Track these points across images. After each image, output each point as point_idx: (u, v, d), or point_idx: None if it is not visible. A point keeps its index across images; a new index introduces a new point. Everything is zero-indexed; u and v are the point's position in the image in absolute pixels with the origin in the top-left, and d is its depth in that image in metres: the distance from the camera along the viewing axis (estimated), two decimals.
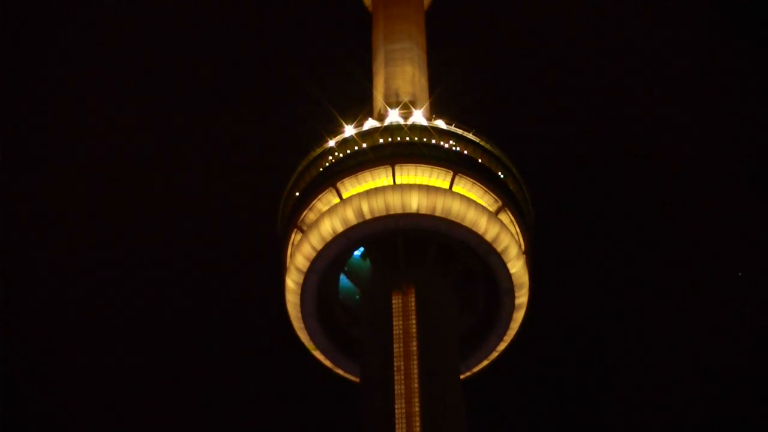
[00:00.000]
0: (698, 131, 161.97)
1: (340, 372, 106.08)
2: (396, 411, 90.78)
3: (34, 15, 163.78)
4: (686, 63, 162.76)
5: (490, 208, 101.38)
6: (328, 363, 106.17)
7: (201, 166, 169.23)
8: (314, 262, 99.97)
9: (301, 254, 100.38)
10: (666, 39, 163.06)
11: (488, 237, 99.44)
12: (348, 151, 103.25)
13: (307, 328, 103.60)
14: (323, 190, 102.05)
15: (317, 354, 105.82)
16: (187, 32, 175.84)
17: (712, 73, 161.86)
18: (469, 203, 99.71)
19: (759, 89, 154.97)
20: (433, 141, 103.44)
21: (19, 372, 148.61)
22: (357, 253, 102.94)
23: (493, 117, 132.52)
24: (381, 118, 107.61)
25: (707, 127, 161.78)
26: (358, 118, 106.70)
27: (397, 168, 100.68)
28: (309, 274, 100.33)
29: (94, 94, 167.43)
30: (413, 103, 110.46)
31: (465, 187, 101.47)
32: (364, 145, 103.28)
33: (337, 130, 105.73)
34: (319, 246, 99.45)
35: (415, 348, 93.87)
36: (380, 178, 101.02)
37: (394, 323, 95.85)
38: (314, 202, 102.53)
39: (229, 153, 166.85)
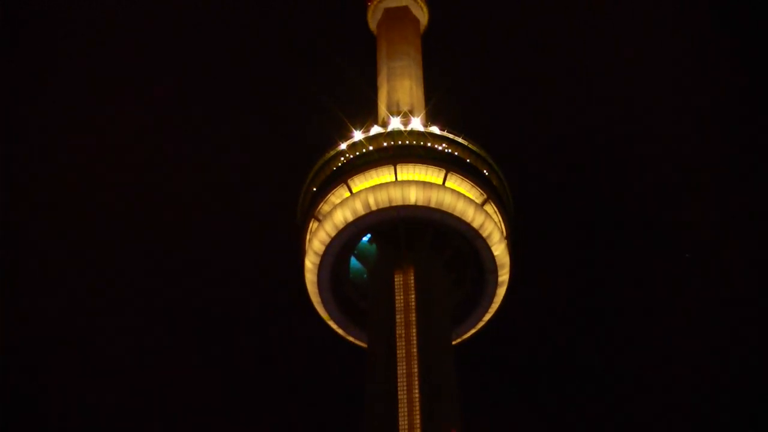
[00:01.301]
0: (674, 127, 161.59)
1: (351, 339, 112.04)
2: (398, 371, 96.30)
3: (34, 15, 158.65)
4: (665, 69, 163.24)
5: (477, 201, 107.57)
6: (340, 331, 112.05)
7: (229, 165, 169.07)
8: (329, 246, 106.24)
9: (317, 240, 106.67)
10: (646, 48, 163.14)
11: (475, 224, 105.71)
12: (357, 153, 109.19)
13: (323, 301, 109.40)
14: (336, 186, 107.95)
15: (331, 324, 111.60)
16: (214, 47, 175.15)
17: (687, 75, 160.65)
18: (459, 196, 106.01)
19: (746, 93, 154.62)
20: (429, 144, 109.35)
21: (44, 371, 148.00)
22: (365, 238, 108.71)
23: (480, 122, 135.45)
24: (384, 124, 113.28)
25: (683, 123, 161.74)
26: (365, 125, 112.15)
27: (399, 167, 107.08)
28: (324, 256, 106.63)
29: (108, 95, 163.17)
30: (411, 112, 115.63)
31: (455, 182, 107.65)
32: (371, 148, 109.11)
33: (347, 135, 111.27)
34: (332, 233, 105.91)
35: (414, 318, 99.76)
36: (384, 175, 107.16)
37: (396, 297, 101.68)
38: (328, 195, 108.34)
39: (255, 155, 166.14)
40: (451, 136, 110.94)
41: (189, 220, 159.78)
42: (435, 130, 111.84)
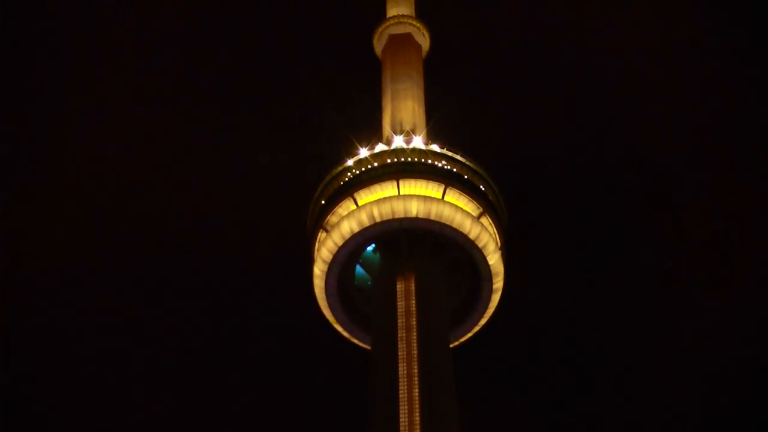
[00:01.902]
0: (672, 131, 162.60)
1: (355, 341, 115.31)
2: (399, 371, 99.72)
3: (34, 15, 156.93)
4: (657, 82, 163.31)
5: (474, 213, 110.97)
6: (345, 334, 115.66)
7: (246, 180, 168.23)
8: (336, 255, 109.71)
9: (325, 248, 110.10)
10: (644, 52, 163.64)
11: (472, 235, 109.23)
12: (362, 169, 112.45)
13: (330, 306, 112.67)
14: (343, 199, 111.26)
15: (337, 327, 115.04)
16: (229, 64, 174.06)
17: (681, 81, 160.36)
18: (457, 209, 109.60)
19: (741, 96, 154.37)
20: (429, 161, 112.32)
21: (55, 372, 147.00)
22: (369, 248, 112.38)
23: (478, 140, 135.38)
24: (388, 142, 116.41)
25: (681, 125, 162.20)
26: (370, 143, 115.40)
27: (401, 182, 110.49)
28: (332, 264, 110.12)
29: (108, 95, 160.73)
30: (414, 131, 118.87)
31: (454, 196, 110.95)
32: (375, 164, 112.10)
33: (353, 152, 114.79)
34: (339, 242, 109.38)
35: (414, 322, 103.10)
36: (388, 189, 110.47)
37: (398, 303, 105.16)
38: (336, 208, 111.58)
39: (267, 169, 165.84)
40: (450, 153, 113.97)
41: (196, 224, 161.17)
42: (435, 147, 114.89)
